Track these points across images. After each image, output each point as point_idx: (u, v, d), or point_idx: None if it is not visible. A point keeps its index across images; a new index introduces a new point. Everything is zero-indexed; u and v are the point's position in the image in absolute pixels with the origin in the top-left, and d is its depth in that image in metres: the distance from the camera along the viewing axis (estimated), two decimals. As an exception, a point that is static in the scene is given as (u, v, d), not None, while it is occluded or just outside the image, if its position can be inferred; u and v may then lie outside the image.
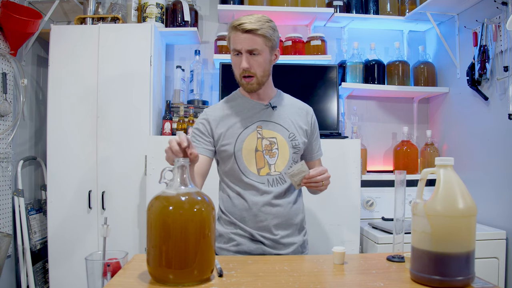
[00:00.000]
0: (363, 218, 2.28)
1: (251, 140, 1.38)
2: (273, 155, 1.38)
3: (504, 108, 2.01)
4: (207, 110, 1.47)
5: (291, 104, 1.49)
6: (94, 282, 1.02)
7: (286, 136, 1.40)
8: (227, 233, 1.40)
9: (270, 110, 1.43)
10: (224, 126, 1.40)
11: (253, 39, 1.30)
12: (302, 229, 1.46)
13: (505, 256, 1.98)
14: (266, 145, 1.38)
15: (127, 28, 2.29)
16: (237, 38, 1.32)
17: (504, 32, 2.01)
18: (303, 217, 1.48)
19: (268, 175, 1.37)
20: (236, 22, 1.32)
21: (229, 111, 1.43)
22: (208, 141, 1.41)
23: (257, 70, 1.35)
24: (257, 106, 1.43)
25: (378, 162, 2.73)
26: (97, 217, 2.15)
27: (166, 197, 0.99)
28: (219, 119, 1.42)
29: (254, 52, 1.32)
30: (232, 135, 1.39)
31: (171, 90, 2.59)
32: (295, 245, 1.41)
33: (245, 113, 1.42)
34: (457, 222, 0.92)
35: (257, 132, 1.39)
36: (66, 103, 2.18)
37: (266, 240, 1.37)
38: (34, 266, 2.26)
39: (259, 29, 1.30)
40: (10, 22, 2.09)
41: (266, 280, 1.01)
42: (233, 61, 1.38)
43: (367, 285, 0.99)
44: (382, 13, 2.60)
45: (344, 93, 2.64)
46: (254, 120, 1.40)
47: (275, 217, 1.37)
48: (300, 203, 1.47)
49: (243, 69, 1.33)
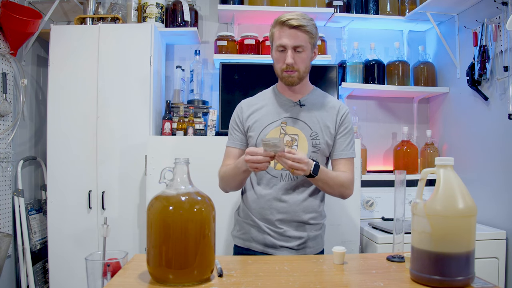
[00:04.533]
0: (363, 218, 2.28)
1: (273, 134, 1.42)
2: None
3: (504, 108, 2.01)
4: (243, 102, 1.53)
5: (323, 102, 1.48)
6: (94, 282, 1.02)
7: (308, 134, 1.42)
8: (240, 221, 1.50)
9: (298, 108, 1.45)
10: (253, 118, 1.46)
11: (299, 35, 1.34)
12: (314, 226, 1.45)
13: (505, 256, 1.98)
14: (288, 141, 1.41)
15: (127, 28, 2.29)
16: (283, 33, 1.35)
17: (504, 32, 2.01)
18: (317, 216, 1.46)
19: (283, 170, 1.41)
20: (282, 18, 1.36)
21: (260, 105, 1.48)
22: (241, 133, 1.49)
23: (300, 66, 1.38)
24: (287, 102, 1.46)
25: (378, 162, 2.73)
26: (97, 217, 2.15)
27: (166, 197, 0.99)
28: (252, 112, 1.48)
29: (298, 48, 1.35)
30: (258, 127, 1.44)
31: (171, 90, 2.59)
32: (302, 239, 1.42)
33: (274, 109, 1.46)
34: (457, 222, 0.93)
35: (281, 127, 1.43)
36: (66, 103, 2.18)
37: (272, 232, 1.41)
38: (34, 266, 2.26)
39: (306, 26, 1.34)
40: (10, 22, 2.08)
41: (266, 280, 1.01)
42: (275, 56, 1.40)
43: (367, 285, 0.99)
44: (382, 13, 2.60)
45: (344, 93, 2.64)
46: (281, 116, 1.44)
47: (280, 212, 1.41)
48: (313, 202, 1.45)
49: (288, 64, 1.36)
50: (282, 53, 1.37)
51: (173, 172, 1.03)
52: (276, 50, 1.38)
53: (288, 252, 1.41)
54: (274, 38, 1.39)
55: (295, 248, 1.41)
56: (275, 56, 1.40)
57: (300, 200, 1.41)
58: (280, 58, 1.38)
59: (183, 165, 1.03)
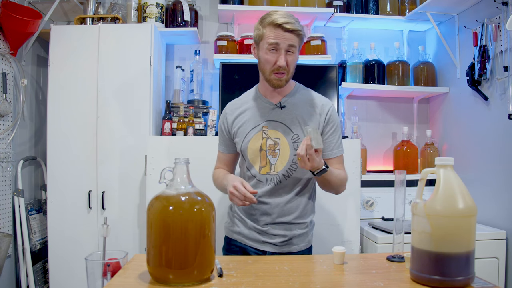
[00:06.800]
0: (363, 218, 2.28)
1: (256, 140, 1.43)
2: (275, 155, 1.42)
3: (504, 108, 2.01)
4: (227, 107, 1.55)
5: (305, 100, 1.47)
6: (94, 282, 1.02)
7: (289, 137, 1.42)
8: (230, 214, 1.56)
9: (278, 110, 1.45)
10: (237, 124, 1.49)
11: (292, 38, 1.34)
12: (298, 225, 1.47)
13: (505, 256, 1.98)
14: (270, 144, 1.43)
15: (127, 28, 2.29)
16: (278, 34, 1.33)
17: (504, 32, 2.01)
18: (302, 214, 1.47)
19: (268, 174, 1.43)
20: (277, 21, 1.32)
21: (243, 109, 1.50)
22: (228, 139, 1.53)
23: (290, 68, 1.39)
24: (268, 105, 1.46)
25: (378, 162, 2.73)
26: (97, 217, 2.15)
27: (166, 197, 0.99)
28: (235, 118, 1.50)
29: (290, 50, 1.36)
30: (241, 133, 1.47)
31: (171, 90, 2.59)
32: (286, 237, 1.45)
33: (256, 113, 1.47)
34: (457, 222, 0.93)
35: (262, 132, 1.44)
36: (66, 103, 2.18)
37: (256, 229, 1.46)
38: (34, 266, 2.26)
39: (300, 30, 1.35)
40: (10, 22, 2.08)
41: (266, 280, 1.01)
42: (265, 57, 1.37)
43: (367, 285, 0.99)
44: (382, 13, 2.60)
45: (344, 93, 2.64)
46: (262, 120, 1.45)
47: (263, 214, 1.45)
48: (298, 202, 1.46)
49: (280, 66, 1.35)
50: (273, 53, 1.35)
51: (173, 172, 1.03)
52: (267, 50, 1.35)
53: (272, 248, 1.44)
54: (264, 37, 1.36)
55: (278, 244, 1.44)
56: (265, 56, 1.37)
57: (283, 202, 1.43)
58: (271, 59, 1.36)
59: (183, 165, 1.03)
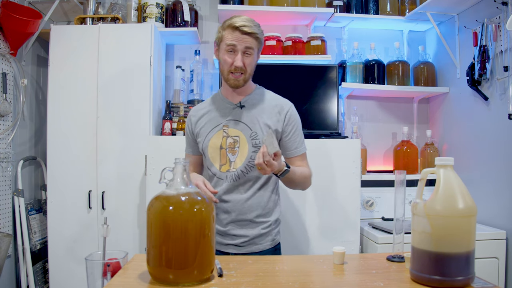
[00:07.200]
0: (363, 218, 2.27)
1: (216, 139, 1.49)
2: (234, 153, 1.47)
3: (504, 108, 2.01)
4: (192, 110, 1.61)
5: (264, 101, 1.53)
6: (94, 282, 1.02)
7: (248, 134, 1.47)
8: None
9: (239, 110, 1.50)
10: (200, 125, 1.54)
11: (249, 40, 1.41)
12: (261, 224, 1.48)
13: (505, 256, 1.98)
14: (230, 143, 1.47)
15: (127, 28, 2.29)
16: (235, 36, 1.40)
17: (504, 32, 2.01)
18: (265, 213, 1.49)
19: (228, 172, 1.47)
20: (235, 23, 1.39)
21: (205, 110, 1.56)
22: (192, 140, 1.58)
23: (248, 68, 1.44)
24: (228, 105, 1.52)
25: (378, 162, 2.73)
26: (97, 217, 2.15)
27: (166, 197, 0.99)
28: (197, 119, 1.55)
29: (248, 52, 1.42)
30: (203, 133, 1.52)
31: (171, 90, 2.59)
32: (247, 237, 1.46)
33: (217, 113, 1.53)
34: (457, 222, 0.93)
35: (223, 131, 1.49)
36: (66, 103, 2.18)
37: (218, 230, 1.47)
38: (34, 266, 2.26)
39: (257, 33, 1.43)
40: (10, 22, 2.08)
41: (266, 280, 1.01)
42: (224, 58, 1.44)
43: (367, 285, 0.99)
44: (382, 13, 2.60)
45: (344, 93, 2.64)
46: (223, 120, 1.51)
47: (224, 212, 1.47)
48: (259, 199, 1.48)
49: (237, 67, 1.41)
50: (231, 54, 1.42)
51: (173, 172, 1.03)
52: (225, 51, 1.42)
53: (234, 249, 1.47)
54: (223, 39, 1.43)
55: (239, 245, 1.46)
56: (223, 57, 1.43)
57: (244, 200, 1.46)
58: (228, 60, 1.42)
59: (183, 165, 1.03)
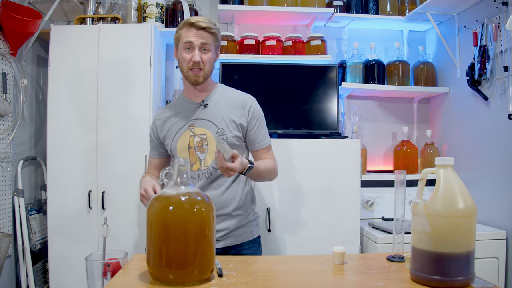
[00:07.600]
0: (363, 218, 2.28)
1: (184, 139, 1.51)
2: (203, 151, 1.49)
3: (504, 108, 2.01)
4: (156, 115, 1.64)
5: (227, 98, 1.56)
6: (94, 282, 1.02)
7: (214, 131, 1.49)
8: None
9: (202, 108, 1.52)
10: (166, 128, 1.56)
11: (205, 36, 1.44)
12: (238, 217, 1.52)
13: (505, 256, 1.98)
14: (198, 141, 1.49)
15: (127, 28, 2.29)
16: (191, 33, 1.44)
17: (504, 32, 2.01)
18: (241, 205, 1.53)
19: (199, 170, 1.49)
20: (191, 20, 1.45)
21: (170, 113, 1.58)
22: (158, 143, 1.61)
23: (206, 64, 1.47)
24: (192, 105, 1.55)
25: (378, 162, 2.73)
26: (97, 217, 2.15)
27: (166, 197, 0.99)
28: (163, 122, 1.58)
29: (205, 47, 1.45)
30: (170, 135, 1.54)
31: (171, 90, 2.59)
32: (225, 231, 1.49)
33: (182, 114, 1.55)
34: (457, 222, 0.93)
35: (189, 130, 1.51)
36: (66, 103, 2.18)
37: None
38: (34, 266, 2.26)
39: (213, 28, 1.46)
40: (10, 22, 2.08)
41: (266, 280, 1.01)
42: (182, 55, 1.47)
43: (367, 285, 0.99)
44: (382, 13, 2.60)
45: (344, 93, 2.64)
46: (188, 120, 1.53)
47: None
48: (234, 193, 1.52)
49: (194, 62, 1.44)
50: (188, 51, 1.44)
51: (173, 172, 1.03)
52: (183, 49, 1.45)
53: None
54: (181, 38, 1.46)
55: (219, 239, 1.49)
56: (182, 55, 1.46)
57: (219, 194, 1.49)
58: (186, 57, 1.45)
59: (183, 165, 1.03)
